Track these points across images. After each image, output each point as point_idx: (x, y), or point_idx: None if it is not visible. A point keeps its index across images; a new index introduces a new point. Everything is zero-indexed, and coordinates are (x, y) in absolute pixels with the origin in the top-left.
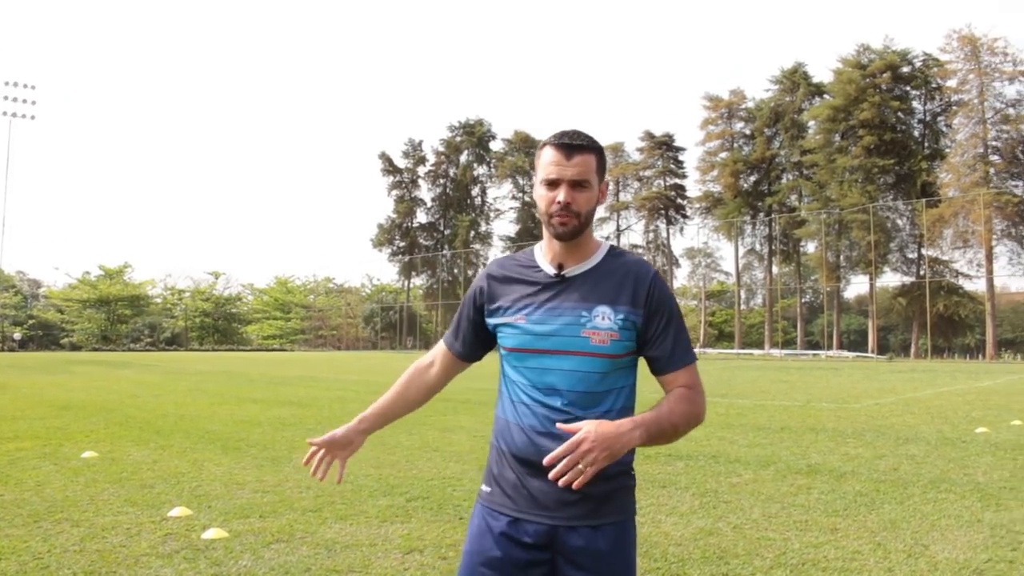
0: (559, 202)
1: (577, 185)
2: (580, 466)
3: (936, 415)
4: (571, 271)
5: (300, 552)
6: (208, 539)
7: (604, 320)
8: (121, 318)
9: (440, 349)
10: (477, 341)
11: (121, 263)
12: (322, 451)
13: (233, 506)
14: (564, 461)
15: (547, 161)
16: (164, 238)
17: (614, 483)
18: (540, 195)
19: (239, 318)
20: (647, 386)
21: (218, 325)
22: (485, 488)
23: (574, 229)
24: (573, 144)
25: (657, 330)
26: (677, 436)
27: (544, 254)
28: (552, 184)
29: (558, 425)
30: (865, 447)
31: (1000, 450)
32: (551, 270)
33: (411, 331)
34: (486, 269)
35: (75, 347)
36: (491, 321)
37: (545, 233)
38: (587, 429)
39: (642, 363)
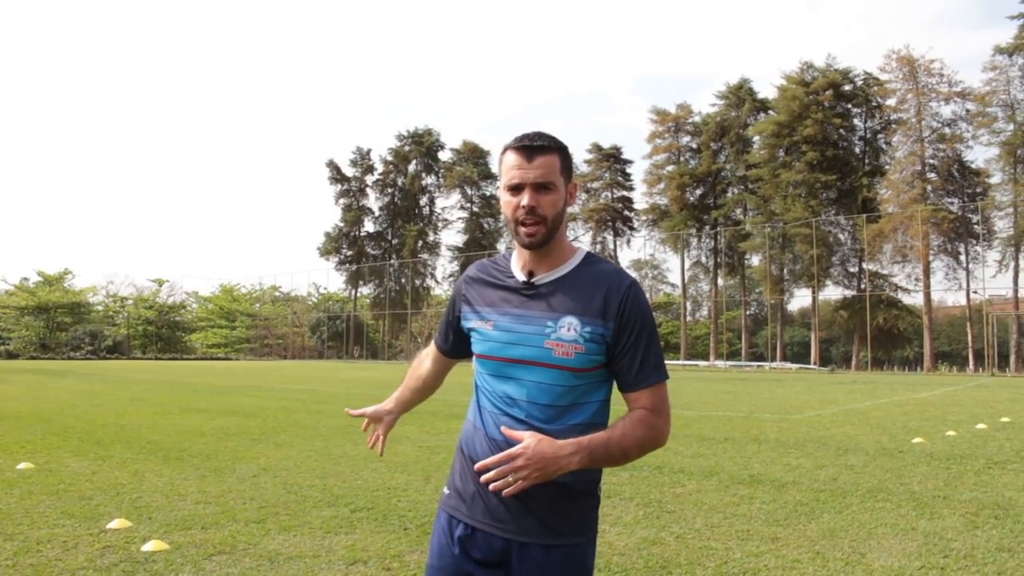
0: (523, 206)
1: (541, 188)
2: (509, 479)
3: (875, 426)
4: (541, 279)
5: (242, 564)
6: (148, 552)
7: (569, 332)
8: (61, 326)
9: (432, 346)
10: (458, 340)
11: (61, 269)
12: (369, 422)
13: (174, 518)
14: (495, 470)
15: (509, 166)
16: (106, 244)
17: (575, 503)
18: (505, 201)
19: (183, 326)
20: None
21: (161, 333)
22: (446, 490)
23: (543, 237)
24: (534, 146)
25: (626, 345)
26: (628, 461)
27: (516, 260)
28: (515, 189)
29: (502, 428)
30: (806, 457)
31: (935, 460)
32: (521, 277)
33: (358, 340)
34: (465, 272)
35: (12, 355)
36: (464, 324)
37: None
38: (525, 443)
39: None
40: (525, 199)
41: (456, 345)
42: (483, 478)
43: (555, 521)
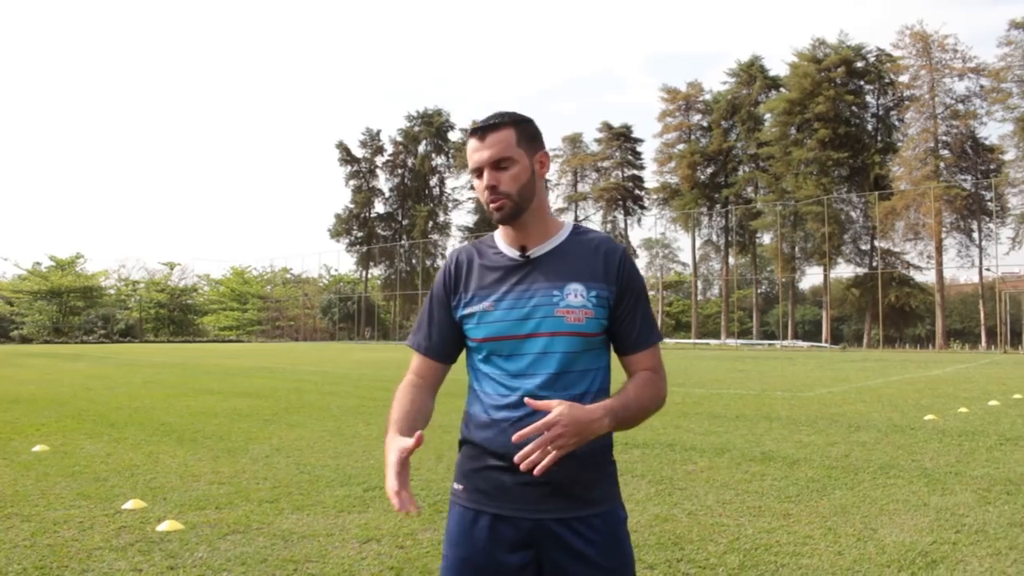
0: (486, 188)
1: (497, 165)
2: (549, 448)
3: (886, 403)
4: (535, 251)
5: (256, 543)
6: (163, 531)
7: (577, 298)
8: (73, 310)
9: (414, 362)
10: (450, 335)
11: (73, 254)
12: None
13: (188, 498)
14: (534, 442)
15: (469, 151)
16: (117, 228)
17: (599, 470)
18: (475, 186)
19: (195, 309)
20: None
21: (174, 316)
22: (457, 486)
23: (511, 210)
24: (485, 126)
25: (626, 308)
26: (641, 421)
27: (503, 238)
28: (477, 172)
29: (527, 400)
30: (818, 434)
31: (947, 436)
32: (514, 252)
33: (369, 322)
34: (447, 259)
35: (25, 339)
36: (459, 313)
37: None
38: (559, 411)
39: None
40: (485, 179)
41: (448, 342)
42: (516, 457)
43: (581, 492)
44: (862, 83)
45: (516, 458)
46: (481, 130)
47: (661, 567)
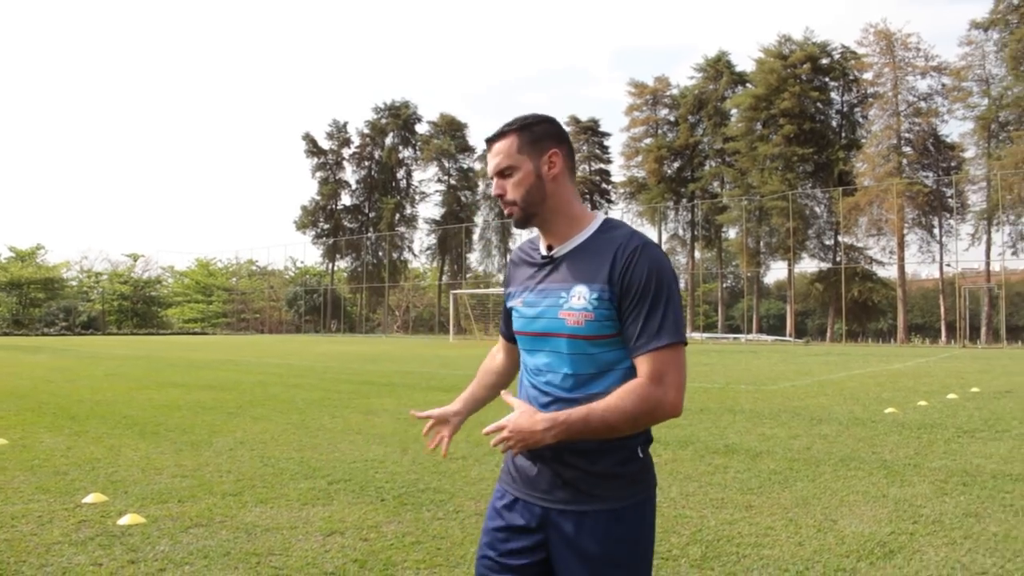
0: (495, 196)
1: (502, 174)
2: (499, 447)
3: (848, 396)
4: (559, 251)
5: (219, 536)
6: (124, 525)
7: (579, 300)
8: (34, 302)
9: (501, 340)
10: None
11: (33, 244)
12: (433, 426)
13: (150, 491)
14: (493, 438)
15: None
16: (79, 219)
17: (611, 469)
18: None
19: (159, 301)
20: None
21: (137, 309)
22: (502, 466)
23: (520, 216)
24: (492, 137)
25: (629, 309)
26: (620, 434)
27: (541, 237)
28: (492, 179)
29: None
30: (781, 427)
31: (906, 429)
32: (544, 252)
33: (335, 314)
34: (509, 256)
35: None
36: (507, 305)
37: None
38: (509, 417)
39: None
40: (493, 188)
41: (512, 328)
42: (489, 438)
43: (588, 487)
44: (827, 80)
45: (485, 431)
46: (489, 140)
47: None
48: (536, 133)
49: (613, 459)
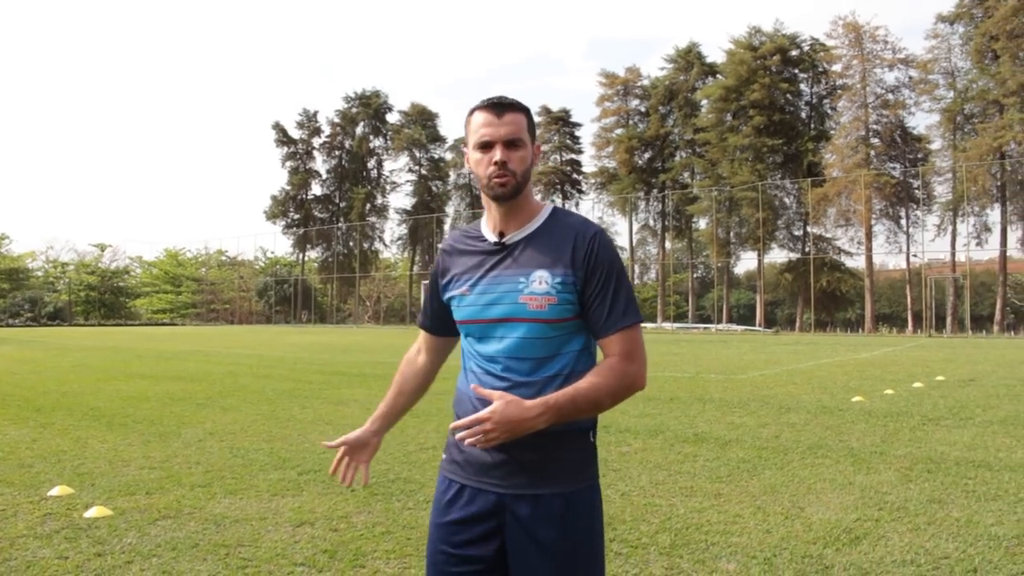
0: (495, 162)
1: (511, 144)
2: (478, 441)
3: (816, 385)
4: (512, 237)
5: (188, 528)
6: (90, 518)
7: (541, 285)
8: None
9: (420, 335)
10: (443, 314)
11: None
12: (344, 457)
13: (118, 483)
14: (467, 431)
15: (478, 124)
16: (45, 208)
17: (564, 450)
18: (475, 160)
19: (127, 292)
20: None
21: (105, 299)
22: (444, 455)
23: (513, 189)
24: (503, 103)
25: (594, 292)
26: (603, 410)
27: (487, 223)
28: (486, 146)
29: (472, 387)
30: (749, 416)
31: (873, 417)
32: (493, 238)
33: (306, 305)
34: (442, 244)
35: None
36: (445, 295)
37: (485, 201)
38: (493, 407)
39: None
40: (497, 155)
41: (441, 321)
42: (457, 436)
43: (544, 469)
44: (796, 71)
45: (457, 436)
46: (499, 106)
47: None
48: (533, 122)
49: (572, 443)
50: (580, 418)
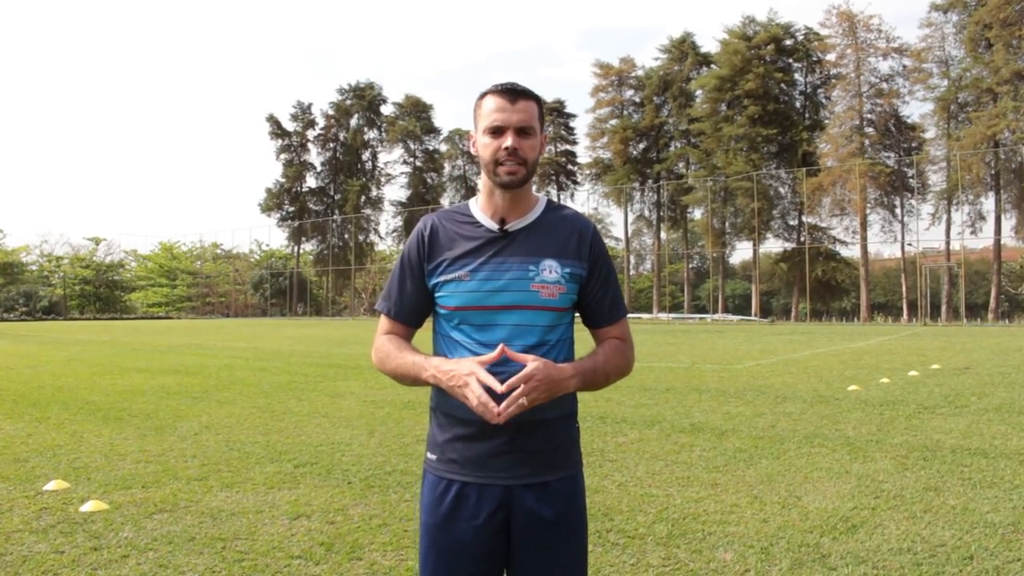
0: (506, 148)
1: (522, 132)
2: (523, 400)
3: (812, 375)
4: (514, 225)
5: (184, 521)
6: (86, 512)
7: (551, 273)
8: None
9: (384, 324)
10: (422, 302)
11: None
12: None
13: (114, 477)
14: (511, 395)
15: (490, 109)
16: (39, 202)
17: (565, 436)
18: (484, 144)
19: (122, 285)
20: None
21: (100, 293)
22: (431, 456)
23: (523, 177)
24: (517, 90)
25: (597, 284)
26: (607, 384)
27: (482, 208)
28: (497, 131)
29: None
30: (746, 406)
31: (869, 406)
32: (493, 224)
33: (301, 297)
34: (423, 224)
35: None
36: (432, 280)
37: (484, 187)
38: (536, 366)
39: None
40: (508, 141)
41: (415, 308)
42: (503, 407)
43: (548, 456)
44: (791, 61)
45: (503, 405)
46: (513, 92)
47: (591, 538)
48: (543, 112)
49: (566, 428)
50: (592, 389)
